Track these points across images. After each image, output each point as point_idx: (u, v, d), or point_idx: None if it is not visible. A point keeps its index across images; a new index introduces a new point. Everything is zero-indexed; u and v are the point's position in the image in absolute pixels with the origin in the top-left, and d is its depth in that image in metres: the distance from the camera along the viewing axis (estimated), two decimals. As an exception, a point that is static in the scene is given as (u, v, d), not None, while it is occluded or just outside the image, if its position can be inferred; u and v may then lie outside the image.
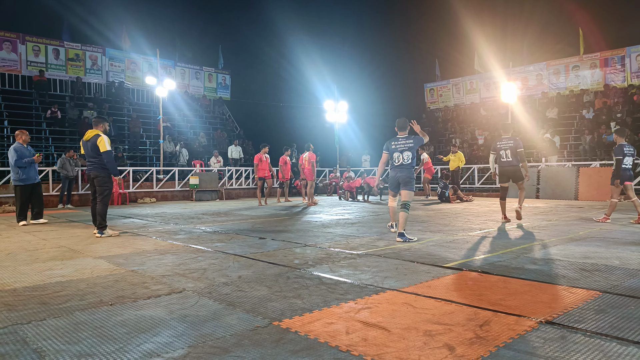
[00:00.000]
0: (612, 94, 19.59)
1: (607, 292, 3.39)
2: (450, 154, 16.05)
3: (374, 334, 2.62)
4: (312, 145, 13.47)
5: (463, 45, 26.67)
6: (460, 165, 15.77)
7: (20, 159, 8.60)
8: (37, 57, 20.50)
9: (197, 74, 26.13)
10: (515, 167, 7.97)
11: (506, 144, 8.06)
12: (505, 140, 8.12)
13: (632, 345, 2.40)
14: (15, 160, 8.58)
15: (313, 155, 13.39)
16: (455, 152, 15.88)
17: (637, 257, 4.70)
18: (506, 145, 8.05)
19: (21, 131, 8.89)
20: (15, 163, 8.59)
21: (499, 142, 8.18)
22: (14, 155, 8.60)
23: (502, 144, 8.11)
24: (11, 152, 8.67)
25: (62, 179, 13.92)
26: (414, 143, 6.37)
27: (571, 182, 14.39)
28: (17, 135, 8.84)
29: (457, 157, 15.76)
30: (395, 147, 6.46)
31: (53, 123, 18.67)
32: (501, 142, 8.14)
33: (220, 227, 8.05)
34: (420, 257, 4.89)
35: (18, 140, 8.79)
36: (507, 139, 8.11)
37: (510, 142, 8.04)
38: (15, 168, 8.65)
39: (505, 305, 3.11)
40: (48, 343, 2.55)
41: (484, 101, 25.14)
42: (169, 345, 2.49)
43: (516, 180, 8.04)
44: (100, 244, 6.24)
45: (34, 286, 3.85)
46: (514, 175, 8.01)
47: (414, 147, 6.36)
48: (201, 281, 3.93)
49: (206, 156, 20.69)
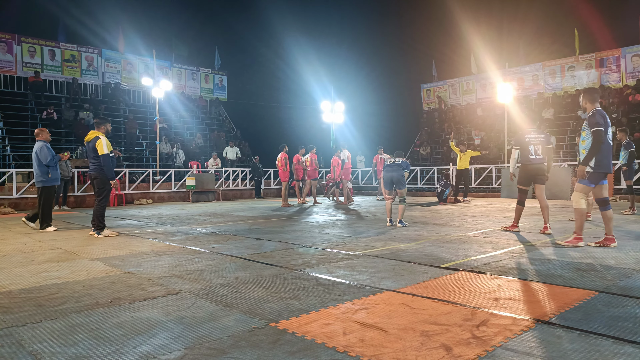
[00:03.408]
0: (608, 94, 19.68)
1: (602, 292, 3.40)
2: (460, 152, 14.40)
3: (371, 334, 2.62)
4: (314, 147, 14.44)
5: (459, 46, 26.80)
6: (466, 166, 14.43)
7: (53, 157, 8.04)
8: (33, 58, 20.43)
9: (194, 74, 26.10)
10: (542, 167, 6.77)
11: (536, 138, 6.73)
12: (535, 133, 6.78)
13: (628, 344, 2.41)
14: (50, 159, 7.98)
15: (315, 155, 14.30)
16: (465, 151, 14.36)
17: (632, 257, 4.72)
18: (536, 139, 6.73)
19: (41, 129, 8.28)
20: (49, 162, 7.98)
21: (527, 135, 6.78)
22: (48, 154, 7.99)
23: (531, 137, 6.75)
24: (43, 151, 7.98)
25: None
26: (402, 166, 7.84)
27: (567, 182, 14.44)
28: (39, 134, 8.18)
29: (467, 155, 14.30)
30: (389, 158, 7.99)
31: (49, 124, 18.56)
32: (530, 136, 6.76)
33: (217, 228, 8.04)
34: (417, 257, 4.89)
35: (42, 138, 8.14)
36: (536, 132, 6.80)
37: (541, 136, 6.76)
38: (44, 168, 7.98)
39: (502, 306, 3.12)
40: (44, 345, 2.54)
41: (480, 102, 25.21)
42: (166, 347, 2.49)
43: (539, 182, 6.80)
44: (97, 245, 6.22)
45: (29, 288, 3.84)
46: (539, 176, 6.76)
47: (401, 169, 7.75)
48: (198, 282, 3.93)
49: (203, 157, 20.66)
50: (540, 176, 6.72)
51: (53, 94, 20.90)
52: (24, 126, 18.57)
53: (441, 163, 20.57)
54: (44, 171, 8.02)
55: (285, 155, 13.73)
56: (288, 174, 13.83)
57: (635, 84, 19.69)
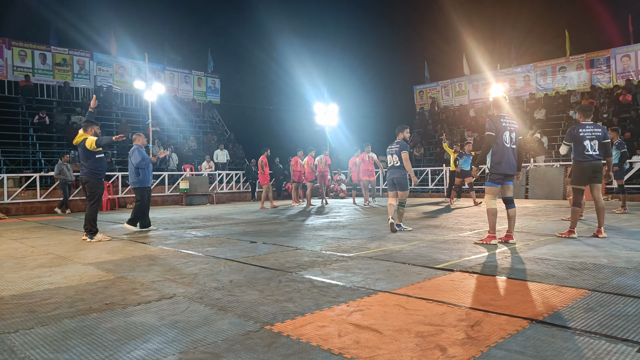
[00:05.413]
0: (598, 94, 19.87)
1: (595, 291, 3.43)
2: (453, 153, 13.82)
3: (366, 336, 2.62)
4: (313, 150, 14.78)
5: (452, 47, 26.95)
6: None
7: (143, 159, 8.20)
8: (24, 62, 20.26)
9: (187, 77, 26.01)
10: (600, 164, 6.17)
11: (592, 133, 6.10)
12: (590, 127, 6.15)
13: (621, 342, 2.43)
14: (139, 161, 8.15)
15: (312, 159, 14.48)
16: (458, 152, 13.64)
17: (624, 255, 4.76)
18: (592, 134, 6.10)
19: (138, 134, 8.66)
20: (138, 164, 8.16)
21: (582, 129, 6.14)
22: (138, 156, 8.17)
23: (587, 131, 6.11)
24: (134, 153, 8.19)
25: (60, 184, 13.73)
26: (399, 147, 7.29)
27: (559, 182, 14.55)
28: (136, 139, 8.52)
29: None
30: (389, 151, 7.44)
31: (40, 129, 18.47)
32: (585, 130, 6.12)
33: (211, 231, 8.00)
34: (411, 258, 4.90)
35: (137, 142, 8.44)
36: (591, 126, 6.17)
37: (597, 130, 6.13)
38: (135, 170, 8.21)
39: (496, 305, 3.13)
40: (36, 352, 2.51)
41: (472, 103, 25.35)
42: (160, 351, 2.47)
43: (595, 181, 6.19)
44: (89, 250, 6.17)
45: (21, 294, 3.80)
46: (597, 175, 6.14)
47: (399, 151, 7.26)
48: (192, 286, 3.91)
49: (196, 160, 20.59)
50: (599, 176, 6.18)
51: (44, 98, 20.72)
52: (15, 131, 18.40)
53: (434, 164, 20.64)
54: (135, 173, 8.28)
55: (264, 158, 13.75)
56: (267, 177, 13.82)
57: (625, 84, 19.87)
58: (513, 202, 5.88)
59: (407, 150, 7.30)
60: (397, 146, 7.31)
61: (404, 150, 7.26)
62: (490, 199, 5.80)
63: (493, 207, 5.78)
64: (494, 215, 5.79)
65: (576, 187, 6.29)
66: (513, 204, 5.86)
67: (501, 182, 5.76)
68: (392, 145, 7.41)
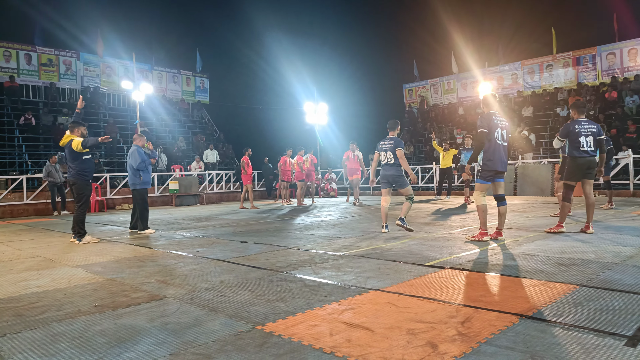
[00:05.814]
0: (585, 92, 20.11)
1: (583, 286, 3.47)
2: (443, 151, 14.27)
3: (357, 334, 2.62)
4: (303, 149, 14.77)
5: (440, 45, 27.06)
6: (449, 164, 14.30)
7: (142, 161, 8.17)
8: (8, 63, 19.94)
9: (175, 77, 25.82)
10: (595, 161, 6.29)
11: (587, 129, 6.17)
12: (586, 123, 6.21)
13: (609, 336, 2.46)
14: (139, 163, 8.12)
15: (301, 158, 14.48)
16: (448, 150, 14.22)
17: (611, 250, 4.83)
18: (587, 130, 6.17)
19: (139, 135, 8.59)
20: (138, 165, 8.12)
21: (577, 125, 6.19)
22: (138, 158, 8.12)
23: (582, 128, 6.17)
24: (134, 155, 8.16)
25: (49, 186, 13.56)
26: (393, 144, 6.89)
27: (547, 179, 14.70)
28: (135, 139, 8.47)
29: (450, 154, 14.15)
30: (382, 147, 7.02)
31: (27, 130, 18.21)
32: (580, 126, 6.17)
33: (202, 232, 7.96)
34: (402, 256, 4.92)
35: (136, 143, 8.39)
36: (587, 122, 6.23)
37: (592, 126, 6.20)
38: (135, 171, 8.17)
39: (486, 302, 3.16)
40: (24, 356, 2.48)
41: (461, 101, 25.51)
42: (150, 353, 2.45)
43: (588, 177, 6.30)
44: (78, 252, 6.10)
45: (8, 298, 3.74)
46: (591, 171, 6.25)
47: (393, 147, 6.86)
48: (182, 287, 3.88)
49: (185, 161, 20.45)
50: (592, 172, 6.27)
51: (30, 99, 20.42)
52: (1, 132, 18.12)
53: (424, 162, 20.75)
54: (135, 175, 8.19)
55: (245, 158, 13.76)
56: (250, 176, 13.84)
57: (611, 81, 20.14)
58: (504, 199, 5.94)
59: (401, 146, 6.82)
60: (392, 142, 6.86)
61: (399, 147, 6.78)
62: (480, 195, 5.87)
63: (483, 203, 5.85)
64: (484, 211, 5.85)
65: (567, 183, 6.35)
66: (504, 201, 5.92)
67: (492, 179, 5.85)
68: (384, 141, 6.95)
